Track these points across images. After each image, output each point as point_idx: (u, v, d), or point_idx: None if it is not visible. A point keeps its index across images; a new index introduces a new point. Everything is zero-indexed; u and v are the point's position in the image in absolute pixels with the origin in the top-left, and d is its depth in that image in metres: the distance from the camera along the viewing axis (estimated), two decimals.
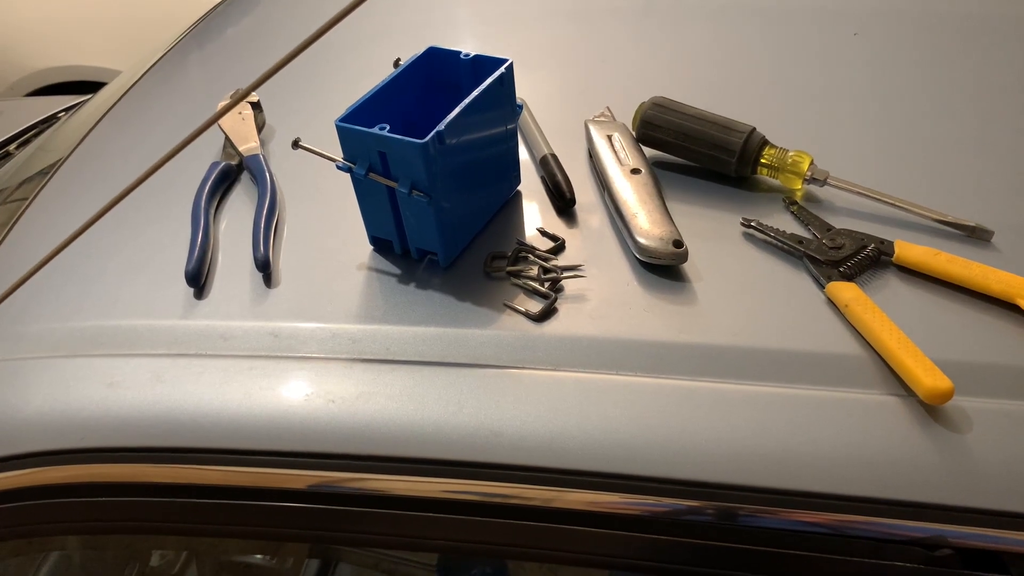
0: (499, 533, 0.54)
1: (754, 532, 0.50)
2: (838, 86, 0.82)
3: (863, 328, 0.55)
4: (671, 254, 0.61)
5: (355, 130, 0.58)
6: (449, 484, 0.53)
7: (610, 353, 0.57)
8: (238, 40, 1.11)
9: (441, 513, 0.54)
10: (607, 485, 0.51)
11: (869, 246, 0.61)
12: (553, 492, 0.52)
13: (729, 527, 0.51)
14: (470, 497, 0.53)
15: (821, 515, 0.49)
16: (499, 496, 0.52)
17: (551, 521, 0.52)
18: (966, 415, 0.51)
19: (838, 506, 0.49)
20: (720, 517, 0.50)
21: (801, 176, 0.67)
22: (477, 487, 0.52)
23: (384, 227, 0.64)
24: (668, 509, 0.51)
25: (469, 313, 0.61)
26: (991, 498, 0.48)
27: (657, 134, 0.72)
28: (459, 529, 0.54)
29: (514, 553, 0.57)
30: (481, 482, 0.52)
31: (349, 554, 0.73)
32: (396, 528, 0.55)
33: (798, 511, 0.49)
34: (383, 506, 0.54)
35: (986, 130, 0.75)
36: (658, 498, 0.51)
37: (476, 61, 0.65)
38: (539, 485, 0.52)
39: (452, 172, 0.60)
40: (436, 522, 0.54)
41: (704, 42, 0.92)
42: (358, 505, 0.54)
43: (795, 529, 0.50)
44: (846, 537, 0.49)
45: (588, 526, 0.52)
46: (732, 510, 0.50)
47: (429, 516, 0.54)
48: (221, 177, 0.76)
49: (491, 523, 0.53)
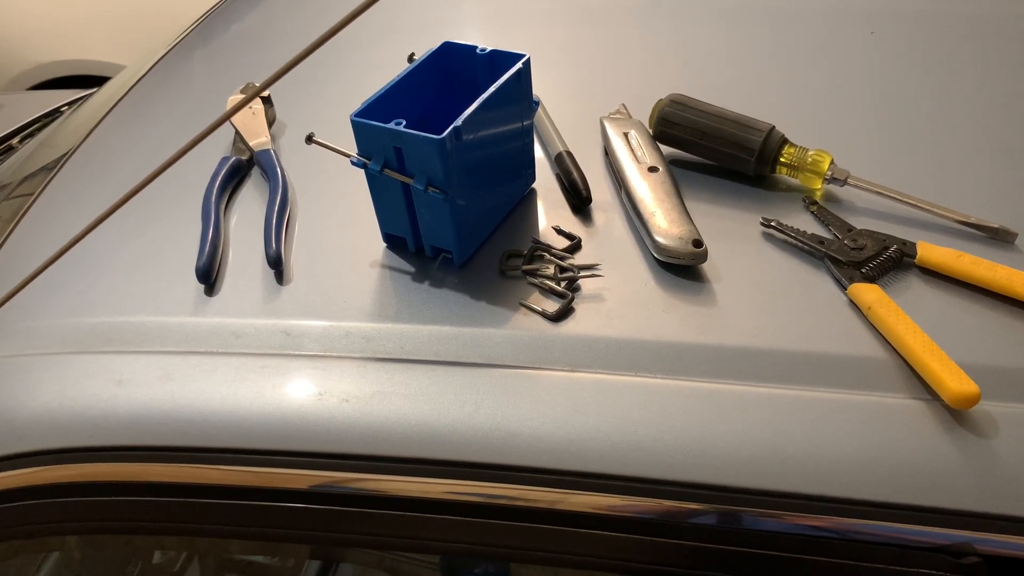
0: (514, 536, 0.53)
1: (775, 538, 0.49)
2: (856, 85, 0.81)
3: (886, 330, 0.54)
4: (690, 254, 0.60)
5: (371, 125, 0.58)
6: (465, 486, 0.52)
7: (628, 354, 0.56)
8: (244, 35, 1.10)
9: (457, 516, 0.53)
10: (625, 488, 0.50)
11: (891, 247, 0.60)
12: (570, 495, 0.51)
13: (750, 532, 0.50)
14: (485, 500, 0.52)
15: (844, 521, 0.48)
16: (515, 499, 0.51)
17: (567, 524, 0.52)
18: (992, 420, 0.50)
19: (862, 512, 0.48)
20: (741, 522, 0.49)
21: (821, 175, 0.66)
22: (493, 489, 0.51)
23: (398, 224, 0.63)
24: (687, 513, 0.50)
25: (484, 312, 0.60)
26: (1018, 505, 0.47)
27: (674, 132, 0.71)
28: (473, 532, 0.53)
29: (527, 556, 0.56)
30: (497, 484, 0.51)
31: (353, 552, 0.72)
32: (413, 531, 0.54)
33: (821, 516, 0.48)
34: (400, 508, 0.53)
35: (1008, 130, 0.74)
36: (677, 502, 0.50)
37: (493, 56, 0.64)
38: (556, 488, 0.51)
39: (468, 169, 0.59)
40: (451, 524, 0.53)
41: (720, 40, 0.91)
42: (373, 507, 0.53)
43: (818, 535, 0.49)
44: (870, 544, 0.48)
45: (605, 530, 0.51)
46: (754, 515, 0.49)
47: (445, 519, 0.53)
48: (231, 172, 0.75)
49: (506, 526, 0.52)
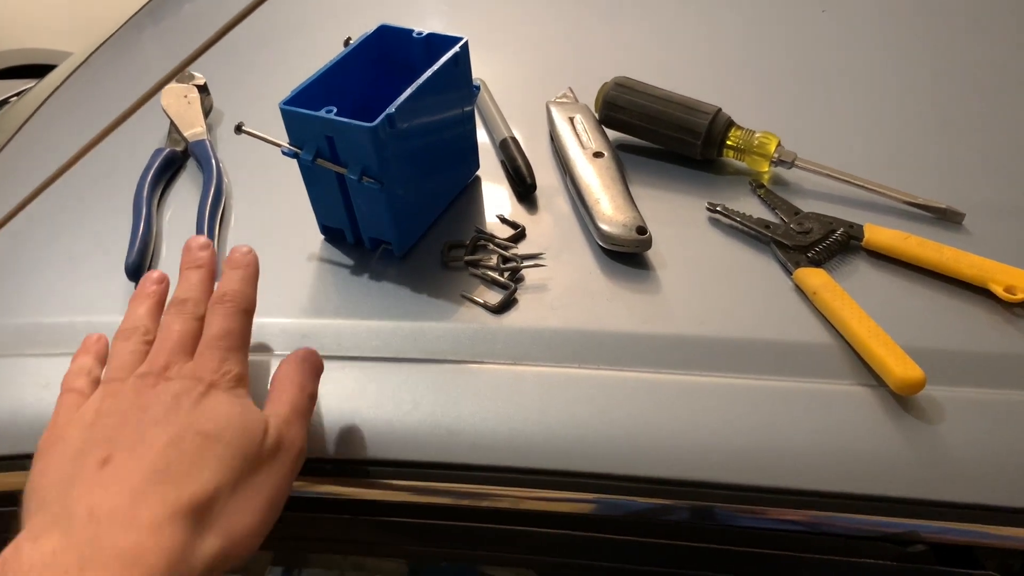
0: (452, 536, 0.51)
1: (721, 530, 0.48)
2: (806, 65, 0.80)
3: (832, 315, 0.53)
4: (635, 241, 0.59)
5: (300, 113, 0.55)
6: (402, 486, 0.50)
7: (572, 345, 0.55)
8: (195, 15, 1.06)
9: (393, 517, 0.51)
10: (569, 484, 0.49)
11: (838, 230, 0.59)
12: (511, 492, 0.49)
13: (696, 525, 0.49)
14: (423, 500, 0.50)
15: (789, 511, 0.47)
16: (455, 496, 0.50)
17: (508, 523, 0.50)
18: (938, 405, 0.49)
19: (808, 502, 0.47)
20: (686, 515, 0.48)
21: (768, 158, 0.65)
22: (432, 488, 0.50)
23: (335, 215, 0.61)
24: (632, 507, 0.49)
25: (425, 305, 0.58)
26: (964, 491, 0.46)
27: (620, 116, 0.69)
28: (410, 533, 0.52)
29: (465, 556, 0.55)
30: (436, 484, 0.50)
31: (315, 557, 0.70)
32: (346, 533, 0.52)
33: (767, 508, 0.47)
34: (333, 511, 0.52)
35: (956, 109, 0.74)
36: (622, 496, 0.49)
37: (430, 40, 0.62)
38: (497, 485, 0.49)
39: (405, 157, 0.57)
40: (386, 526, 0.51)
41: (670, 20, 0.90)
42: (305, 510, 0.52)
43: (763, 527, 0.48)
44: (816, 534, 0.47)
45: (547, 527, 0.50)
46: (699, 508, 0.48)
47: (380, 520, 0.51)
48: (165, 164, 0.72)
49: (444, 526, 0.51)
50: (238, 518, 0.40)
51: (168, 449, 0.40)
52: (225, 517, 0.40)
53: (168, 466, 0.40)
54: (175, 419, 0.42)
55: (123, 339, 0.48)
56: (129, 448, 0.41)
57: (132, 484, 0.39)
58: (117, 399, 0.44)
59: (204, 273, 0.51)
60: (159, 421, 0.42)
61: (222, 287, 0.49)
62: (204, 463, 0.40)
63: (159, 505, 0.38)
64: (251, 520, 0.41)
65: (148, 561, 0.36)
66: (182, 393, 0.43)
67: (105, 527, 0.37)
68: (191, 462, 0.40)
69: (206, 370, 0.45)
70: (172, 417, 0.42)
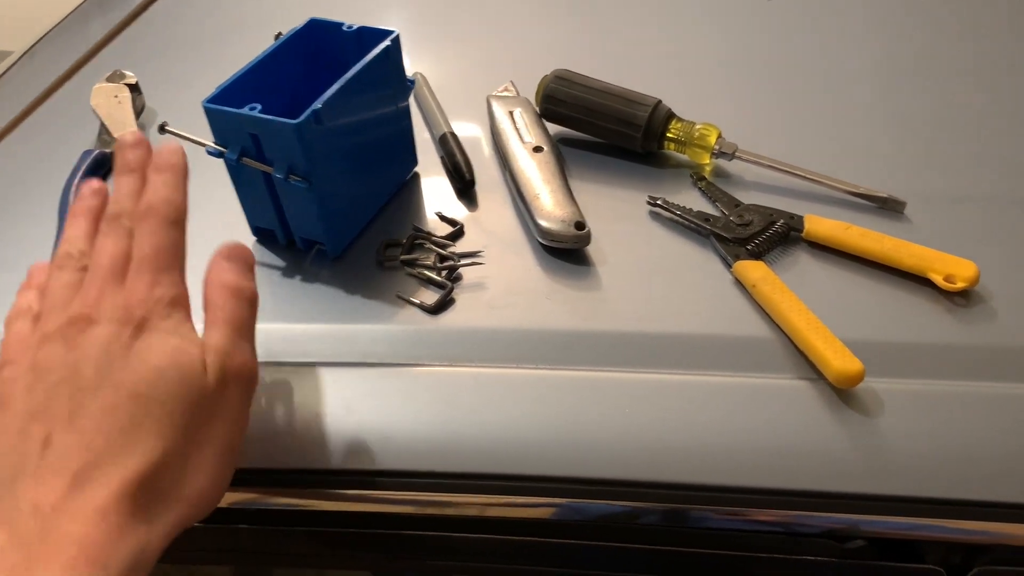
0: (384, 545, 0.50)
1: (660, 530, 0.47)
2: (748, 56, 0.79)
3: (771, 309, 0.53)
4: (573, 237, 0.58)
5: (223, 111, 0.53)
6: (332, 495, 0.49)
7: (510, 345, 0.53)
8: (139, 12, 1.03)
9: (324, 527, 0.49)
10: (505, 488, 0.48)
11: (778, 222, 0.59)
12: (445, 497, 0.48)
13: (634, 526, 0.48)
14: (353, 508, 0.49)
15: (728, 510, 0.46)
16: (387, 504, 0.48)
17: (441, 529, 0.49)
18: (878, 397, 0.49)
19: (746, 500, 0.46)
20: (625, 516, 0.47)
21: (709, 150, 0.64)
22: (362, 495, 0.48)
23: (265, 216, 0.59)
24: (570, 509, 0.48)
25: (360, 307, 0.56)
26: (904, 484, 0.46)
27: (560, 109, 0.68)
28: (342, 543, 0.50)
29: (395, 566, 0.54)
30: (367, 491, 0.48)
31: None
32: (276, 545, 0.50)
33: (703, 507, 0.46)
34: (261, 522, 0.50)
35: (898, 99, 0.74)
36: (560, 499, 0.48)
37: (361, 33, 0.60)
38: (431, 492, 0.48)
39: (334, 154, 0.56)
40: (317, 536, 0.50)
41: (612, 12, 0.89)
42: (233, 521, 0.50)
43: (701, 527, 0.47)
44: (755, 532, 0.47)
45: (482, 532, 0.49)
46: (638, 508, 0.47)
47: (310, 531, 0.50)
48: (95, 166, 0.69)
49: (375, 535, 0.49)
50: (192, 478, 0.38)
51: (103, 420, 0.37)
52: (177, 482, 0.38)
53: (107, 442, 0.37)
54: (107, 380, 0.38)
55: (57, 267, 0.44)
56: (67, 421, 0.37)
57: (73, 469, 0.36)
58: (49, 349, 0.40)
59: (139, 179, 0.45)
60: (91, 385, 0.38)
61: (147, 197, 0.43)
62: (143, 430, 0.37)
63: (103, 488, 0.35)
64: (207, 477, 0.39)
65: (98, 551, 0.34)
66: (111, 341, 0.39)
67: (51, 520, 0.35)
68: (129, 432, 0.37)
69: (137, 300, 0.40)
70: (103, 379, 0.38)
